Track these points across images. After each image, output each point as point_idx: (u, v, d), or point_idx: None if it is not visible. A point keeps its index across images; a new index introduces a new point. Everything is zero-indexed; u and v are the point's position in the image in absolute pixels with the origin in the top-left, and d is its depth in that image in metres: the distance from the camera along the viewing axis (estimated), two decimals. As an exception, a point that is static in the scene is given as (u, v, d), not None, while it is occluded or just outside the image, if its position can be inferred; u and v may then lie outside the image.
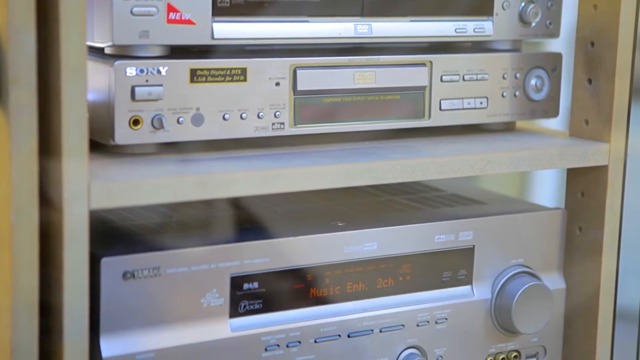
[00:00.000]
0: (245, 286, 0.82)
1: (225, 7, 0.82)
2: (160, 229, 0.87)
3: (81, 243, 0.72)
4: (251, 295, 0.83)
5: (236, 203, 0.94)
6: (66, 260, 0.72)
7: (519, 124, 1.02)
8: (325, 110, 0.87)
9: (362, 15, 0.88)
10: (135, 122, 0.79)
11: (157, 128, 0.80)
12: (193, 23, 0.81)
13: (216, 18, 0.82)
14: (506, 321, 0.93)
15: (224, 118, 0.83)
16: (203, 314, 0.81)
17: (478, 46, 0.98)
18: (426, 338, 0.90)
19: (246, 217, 0.91)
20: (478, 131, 0.98)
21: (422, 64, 0.91)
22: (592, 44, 0.95)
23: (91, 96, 0.80)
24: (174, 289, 0.79)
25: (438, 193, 1.03)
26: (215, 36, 0.82)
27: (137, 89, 0.79)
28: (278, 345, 0.84)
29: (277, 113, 0.85)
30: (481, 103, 0.94)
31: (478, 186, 1.17)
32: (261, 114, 0.84)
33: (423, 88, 0.92)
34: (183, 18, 0.80)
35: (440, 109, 0.92)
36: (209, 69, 0.81)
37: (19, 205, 0.70)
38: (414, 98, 0.91)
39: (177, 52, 0.82)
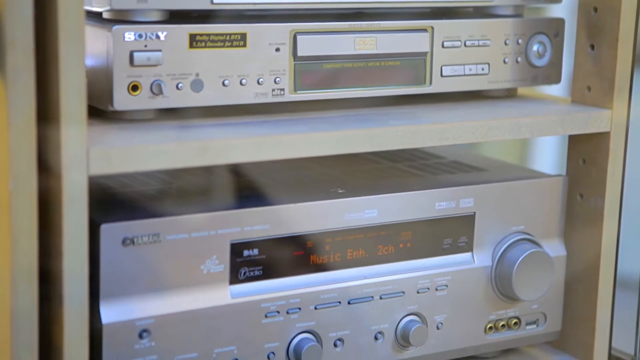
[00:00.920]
0: (245, 253, 0.82)
1: (224, -28, 0.81)
2: (160, 196, 0.86)
3: (80, 209, 0.72)
4: (251, 261, 0.83)
5: (236, 170, 0.93)
6: (65, 226, 0.71)
7: (521, 91, 1.01)
8: (325, 76, 0.87)
9: (363, -20, 0.87)
10: (134, 88, 0.78)
11: (156, 94, 0.79)
12: (192, -13, 0.80)
13: (215, -18, 0.81)
14: (506, 288, 0.93)
15: (224, 84, 0.82)
16: (203, 281, 0.80)
17: (480, 12, 0.97)
18: (426, 305, 0.90)
19: (246, 184, 0.91)
20: (479, 98, 0.97)
21: (423, 30, 0.91)
22: (595, 10, 0.94)
23: (89, 62, 0.79)
24: (174, 256, 0.79)
25: (439, 160, 1.03)
26: (214, 1, 0.81)
27: (136, 54, 0.78)
28: (278, 311, 0.84)
29: (277, 79, 0.84)
30: (483, 69, 0.94)
31: (479, 153, 1.17)
32: (261, 80, 0.83)
33: (424, 54, 0.91)
34: (182, -18, 0.79)
35: (441, 75, 0.92)
36: (209, 34, 0.81)
37: (18, 171, 0.69)
38: (415, 64, 0.91)
39: (176, 17, 0.82)
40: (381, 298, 0.88)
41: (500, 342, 0.95)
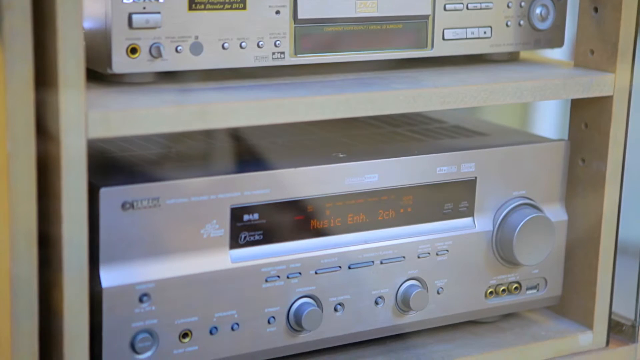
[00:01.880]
0: (245, 217, 0.82)
1: None
2: (160, 160, 0.86)
3: (79, 173, 0.71)
4: (251, 226, 0.82)
5: (236, 134, 0.93)
6: (64, 190, 0.71)
7: (523, 54, 1.00)
8: (326, 39, 0.86)
9: (364, -59, 0.86)
10: (132, 51, 0.78)
11: (155, 57, 0.78)
12: (191, -52, 0.79)
13: (215, -57, 0.80)
14: (507, 253, 0.93)
15: (223, 47, 0.81)
16: (203, 245, 0.80)
17: (482, -26, 0.96)
18: (427, 269, 0.90)
19: (246, 148, 0.90)
20: (481, 61, 0.96)
21: (425, -8, 0.90)
22: (599, -28, 0.93)
23: (87, 24, 0.78)
24: (174, 220, 0.79)
25: (440, 124, 1.02)
26: (213, -38, 0.80)
27: (135, 17, 0.77)
28: (278, 276, 0.83)
29: (277, 42, 0.83)
30: (485, 32, 0.93)
31: (480, 118, 1.16)
32: (261, 43, 0.83)
33: (426, 17, 0.90)
34: (181, -57, 0.78)
35: (443, 39, 0.91)
36: (208, -4, 0.80)
37: (15, 134, 0.69)
38: (417, 27, 0.90)
39: (175, -21, 0.81)
40: (382, 263, 0.88)
41: (500, 307, 0.95)
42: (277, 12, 0.83)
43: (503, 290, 0.95)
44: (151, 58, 0.78)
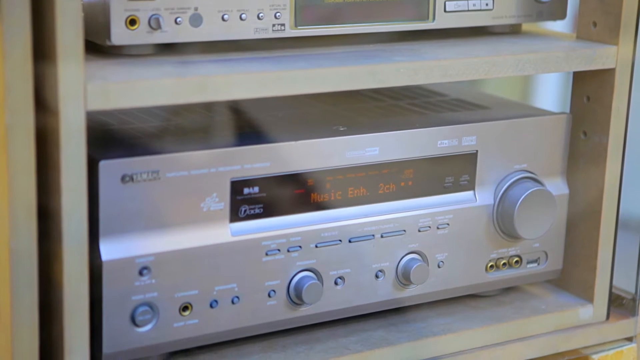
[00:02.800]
0: (245, 191, 0.82)
1: None
2: (159, 133, 0.86)
3: (78, 145, 0.71)
4: (252, 199, 0.82)
5: (237, 107, 0.92)
6: (63, 163, 0.71)
7: (525, 27, 1.00)
8: (327, 11, 0.85)
9: None
10: (131, 22, 0.77)
11: (155, 28, 0.78)
12: None
13: None
14: (508, 226, 0.93)
15: (223, 19, 0.81)
16: (203, 218, 0.80)
17: (484, -55, 0.95)
18: (427, 243, 0.90)
19: (247, 122, 0.90)
20: (483, 34, 0.96)
21: (427, -36, 0.89)
22: (602, -57, 0.92)
23: (86, -5, 0.78)
24: (174, 193, 0.78)
25: (441, 98, 1.02)
26: None
27: (133, -13, 0.76)
28: (279, 250, 0.83)
29: (278, 14, 0.83)
30: (487, 4, 0.92)
31: (482, 90, 1.16)
32: (261, 15, 0.82)
33: (427, -11, 0.89)
34: None
35: (444, 11, 0.90)
36: (207, -33, 0.79)
37: (14, 106, 0.68)
38: (418, -1, 0.89)
39: (174, -50, 0.80)
40: (382, 236, 0.88)
41: (501, 281, 0.95)
42: (278, -16, 0.82)
43: (504, 264, 0.95)
44: (150, 30, 0.78)
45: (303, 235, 0.84)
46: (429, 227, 0.90)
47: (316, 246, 0.85)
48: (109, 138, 0.83)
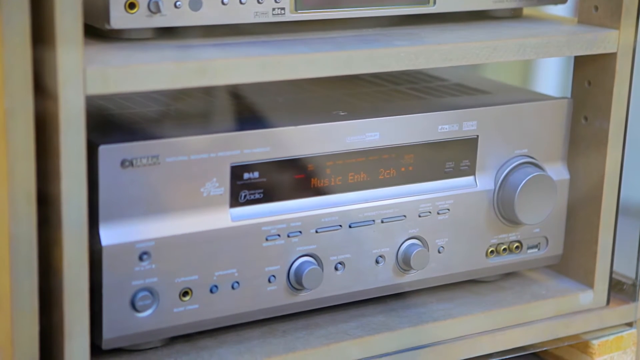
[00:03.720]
0: (245, 176, 0.81)
1: None
2: (159, 118, 0.85)
3: (78, 130, 0.71)
4: (252, 184, 0.82)
5: (236, 92, 0.92)
6: (63, 147, 0.70)
7: (526, 11, 0.99)
8: (327, -5, 0.85)
9: None
10: (131, 6, 0.77)
11: (154, 12, 0.77)
12: None
13: None
14: (509, 212, 0.92)
15: (223, 2, 0.80)
16: (203, 203, 0.80)
17: None
18: (428, 228, 0.90)
19: (247, 106, 0.90)
20: (484, 18, 0.95)
21: (428, -53, 0.88)
22: None
23: (85, -21, 0.77)
24: (174, 178, 0.78)
25: (442, 82, 1.01)
26: None
27: (133, -29, 0.76)
28: (279, 235, 0.83)
29: (278, -2, 0.82)
30: (488, -11, 0.92)
31: (482, 75, 1.15)
32: (261, -1, 0.82)
33: (428, -27, 0.89)
34: None
35: (445, -5, 0.90)
36: (207, -49, 0.79)
37: (13, 90, 0.68)
38: (419, -17, 0.89)
39: None
40: (382, 222, 0.88)
41: (501, 266, 0.95)
42: (278, -33, 0.82)
43: (504, 249, 0.95)
44: (150, 13, 0.77)
45: (303, 220, 0.84)
46: (430, 213, 0.90)
47: (316, 231, 0.85)
48: (109, 123, 0.83)
